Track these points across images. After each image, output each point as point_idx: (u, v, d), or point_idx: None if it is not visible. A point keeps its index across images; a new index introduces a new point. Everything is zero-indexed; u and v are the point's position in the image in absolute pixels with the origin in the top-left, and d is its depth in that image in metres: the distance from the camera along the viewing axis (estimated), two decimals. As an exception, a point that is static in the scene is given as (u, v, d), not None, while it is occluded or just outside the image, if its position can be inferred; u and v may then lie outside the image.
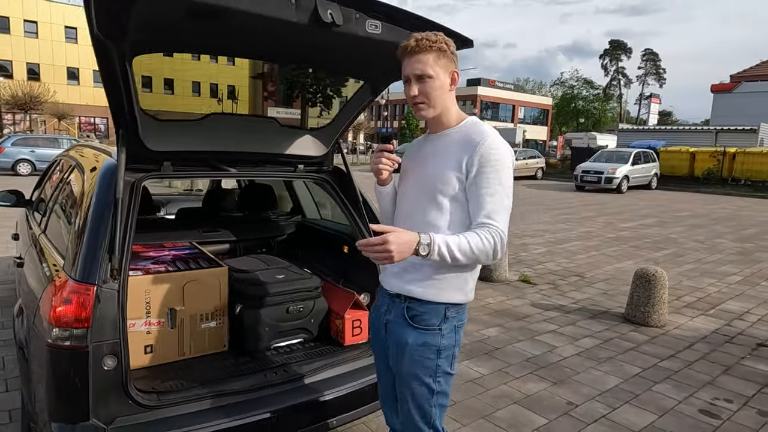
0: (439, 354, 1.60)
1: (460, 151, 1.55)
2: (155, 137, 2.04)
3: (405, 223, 1.61)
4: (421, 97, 1.55)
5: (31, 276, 2.34)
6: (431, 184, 1.59)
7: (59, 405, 1.71)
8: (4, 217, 8.64)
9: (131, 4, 1.39)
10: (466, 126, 1.62)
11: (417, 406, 1.63)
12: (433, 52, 1.52)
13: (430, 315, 1.59)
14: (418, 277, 1.58)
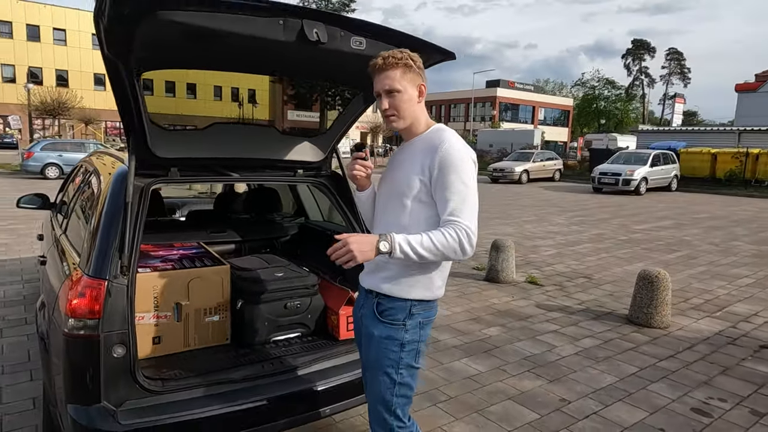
0: (402, 347, 1.72)
1: (423, 156, 1.68)
2: (163, 145, 2.22)
3: (379, 224, 1.76)
4: (391, 110, 1.69)
5: (52, 273, 2.54)
6: (398, 188, 1.73)
7: (74, 388, 1.89)
8: (31, 219, 9.05)
9: (134, 27, 1.56)
10: (431, 132, 1.75)
11: (379, 395, 1.75)
12: (400, 68, 1.66)
13: (396, 310, 1.71)
14: (387, 275, 1.71)
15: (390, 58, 1.66)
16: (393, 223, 1.71)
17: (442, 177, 1.62)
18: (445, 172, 1.62)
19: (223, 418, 2.01)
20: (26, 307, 4.51)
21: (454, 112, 61.78)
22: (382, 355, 1.72)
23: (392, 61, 1.65)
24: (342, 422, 2.83)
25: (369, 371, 1.80)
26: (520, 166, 21.30)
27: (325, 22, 1.77)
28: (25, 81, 38.91)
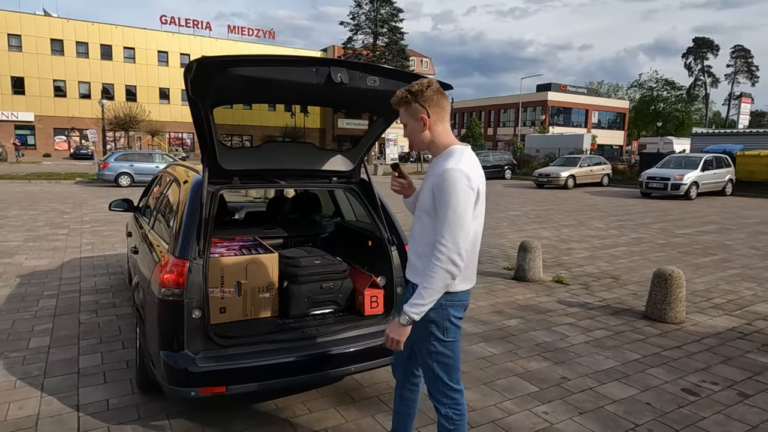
0: (429, 324, 2.06)
1: (432, 176, 2.01)
2: (227, 159, 2.90)
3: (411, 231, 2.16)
4: (408, 139, 2.12)
5: (144, 259, 3.29)
6: (420, 202, 2.07)
7: (165, 339, 2.57)
8: (110, 222, 10.23)
9: (210, 80, 2.23)
10: (443, 155, 2.02)
11: (424, 362, 2.16)
12: (402, 106, 2.03)
13: None
14: (416, 271, 2.08)
15: (395, 98, 2.03)
16: (417, 230, 2.08)
17: (438, 201, 1.92)
18: (439, 195, 1.91)
19: (271, 368, 2.64)
20: (113, 294, 5.38)
21: (504, 117, 61.35)
22: (418, 332, 2.08)
23: (395, 100, 2.04)
24: (369, 387, 3.40)
25: (415, 345, 2.17)
26: (566, 171, 21.22)
27: (347, 68, 2.38)
28: (99, 97, 42.33)
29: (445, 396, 2.18)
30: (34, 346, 3.96)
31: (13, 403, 3.08)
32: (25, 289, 5.48)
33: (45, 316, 4.65)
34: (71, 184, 19.57)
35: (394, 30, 49.73)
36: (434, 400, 2.22)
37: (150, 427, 2.84)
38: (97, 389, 3.26)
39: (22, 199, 14.16)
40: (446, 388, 2.18)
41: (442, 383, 2.17)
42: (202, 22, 50.60)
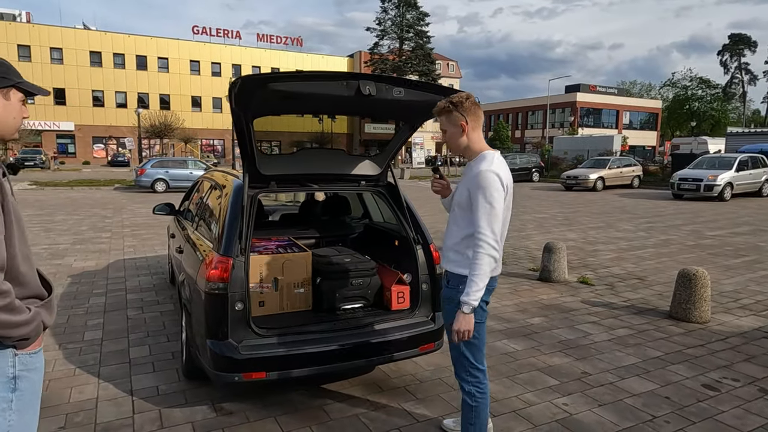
0: (458, 306, 2.25)
1: (467, 178, 2.31)
2: (265, 165, 3.16)
3: (447, 224, 2.47)
4: (447, 144, 2.40)
5: (188, 258, 3.58)
6: (457, 200, 2.37)
7: (211, 329, 2.84)
8: (148, 226, 10.73)
9: (252, 94, 2.49)
10: (476, 159, 2.33)
11: (451, 342, 2.36)
12: (443, 114, 2.33)
13: (456, 280, 2.36)
14: (450, 258, 2.41)
15: (437, 108, 2.34)
16: (453, 224, 2.39)
17: (473, 195, 2.23)
18: (474, 192, 2.22)
19: (306, 356, 2.87)
20: (156, 292, 5.74)
21: (532, 119, 60.77)
22: (448, 313, 2.39)
23: (437, 110, 2.35)
24: (396, 378, 3.60)
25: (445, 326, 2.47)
26: (594, 173, 20.99)
27: (375, 81, 2.60)
28: (134, 106, 43.90)
29: (470, 374, 2.43)
30: (88, 338, 4.31)
31: (74, 387, 3.40)
32: (76, 288, 5.89)
33: (96, 312, 5.02)
34: (110, 190, 20.44)
35: (420, 34, 49.96)
36: (459, 378, 2.47)
37: (196, 410, 3.11)
38: (147, 377, 3.56)
39: (66, 204, 14.92)
40: (471, 367, 2.42)
41: (468, 362, 2.42)
42: (232, 32, 51.95)
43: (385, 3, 49.35)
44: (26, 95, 1.61)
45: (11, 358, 1.53)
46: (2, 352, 1.51)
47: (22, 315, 1.46)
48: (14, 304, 1.44)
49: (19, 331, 1.46)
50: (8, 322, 1.42)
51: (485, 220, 2.19)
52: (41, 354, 1.64)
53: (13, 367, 1.53)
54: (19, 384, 1.55)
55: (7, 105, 1.55)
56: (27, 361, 1.57)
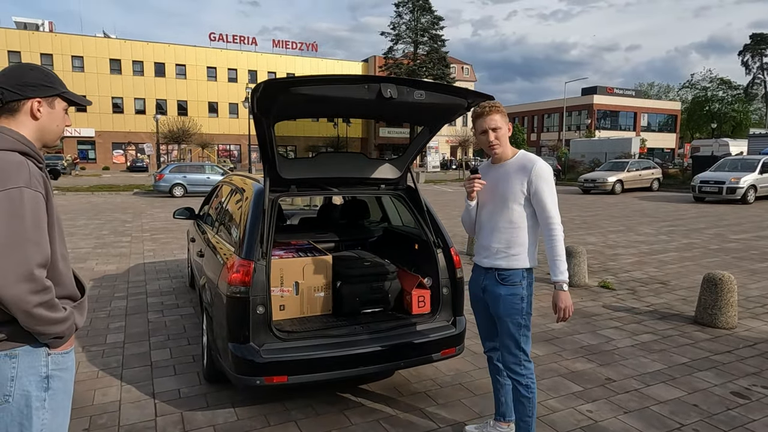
0: (521, 301, 2.46)
1: (520, 173, 2.43)
2: (286, 169, 3.16)
3: (488, 224, 2.53)
4: (496, 141, 2.45)
5: (209, 262, 3.60)
6: (504, 197, 2.46)
7: (233, 332, 2.84)
8: (167, 230, 10.85)
9: (274, 99, 2.50)
10: (520, 157, 2.50)
11: (511, 336, 2.49)
12: (500, 113, 2.44)
13: (514, 276, 2.46)
14: (502, 256, 2.47)
15: (493, 107, 2.44)
16: (502, 220, 2.46)
17: (539, 188, 2.39)
18: (539, 183, 2.39)
19: (327, 360, 2.86)
20: (176, 296, 5.79)
21: (548, 122, 60.32)
22: (508, 307, 2.46)
23: (495, 108, 2.44)
24: (417, 383, 3.57)
25: (499, 321, 2.52)
26: (613, 176, 20.72)
27: (396, 84, 2.59)
28: (153, 112, 44.57)
29: (524, 367, 2.51)
30: (110, 341, 4.36)
31: (97, 390, 3.44)
32: (98, 291, 5.97)
33: (118, 315, 5.08)
34: (130, 195, 20.75)
35: (434, 38, 50.01)
36: (514, 374, 2.53)
37: (218, 413, 3.12)
38: (169, 380, 3.59)
39: (87, 209, 15.18)
40: (526, 360, 2.52)
41: (524, 355, 2.52)
42: (247, 38, 52.52)
43: (400, 7, 49.55)
44: (69, 104, 1.67)
45: (44, 357, 1.55)
46: (36, 351, 1.53)
47: (59, 313, 1.50)
48: (54, 301, 1.48)
49: (55, 329, 1.50)
50: (47, 319, 1.46)
51: (555, 207, 2.41)
52: (72, 354, 1.67)
53: (46, 366, 1.55)
54: (52, 383, 1.57)
55: (52, 113, 1.61)
56: (59, 360, 1.59)
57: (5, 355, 1.49)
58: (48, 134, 1.62)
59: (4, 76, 1.54)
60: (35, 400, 1.53)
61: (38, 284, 1.41)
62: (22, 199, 1.40)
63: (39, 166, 1.54)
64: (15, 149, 1.48)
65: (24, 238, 1.40)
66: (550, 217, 2.40)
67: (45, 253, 1.45)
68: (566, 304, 2.39)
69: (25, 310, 1.41)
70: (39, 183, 1.47)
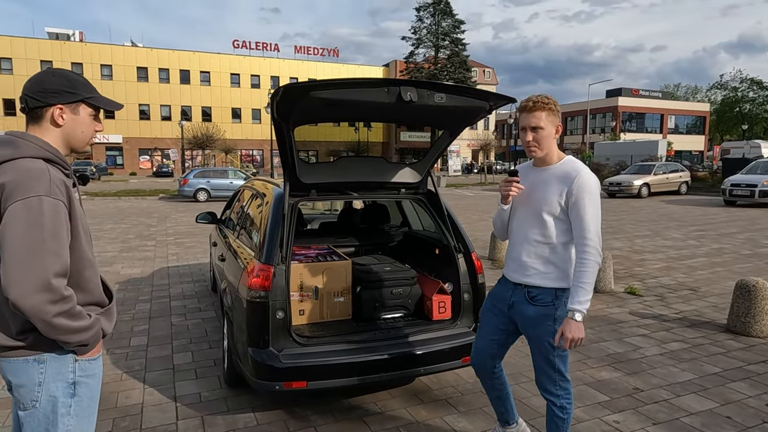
0: (554, 321, 2.20)
1: (561, 182, 2.16)
2: (306, 174, 3.16)
3: (518, 233, 2.30)
4: (534, 142, 2.18)
5: (231, 266, 3.61)
6: (538, 206, 2.20)
7: (253, 337, 2.84)
8: (190, 234, 11.00)
9: (293, 103, 2.49)
10: (565, 163, 2.22)
11: (545, 359, 2.27)
12: (545, 110, 2.14)
13: (546, 295, 2.23)
14: (533, 272, 2.24)
15: (539, 102, 2.13)
16: (534, 232, 2.23)
17: (580, 201, 2.11)
18: (581, 197, 2.11)
19: (346, 366, 2.84)
20: (199, 299, 5.85)
21: (572, 125, 59.45)
22: (541, 329, 2.22)
23: (540, 105, 2.13)
24: (438, 390, 3.52)
25: (531, 342, 2.30)
26: (639, 179, 20.27)
27: (416, 87, 2.56)
28: (178, 118, 45.46)
29: (560, 387, 2.32)
30: (134, 344, 4.42)
31: (120, 392, 3.48)
32: (123, 295, 6.08)
33: (142, 318, 5.15)
34: (155, 200, 21.15)
35: (455, 42, 49.88)
36: (548, 395, 2.35)
37: (238, 418, 3.12)
38: (190, 383, 3.61)
39: (114, 214, 15.52)
40: (563, 380, 2.33)
41: (561, 376, 2.32)
42: (270, 44, 53.18)
43: (421, 12, 49.58)
44: (95, 110, 1.65)
45: (71, 363, 1.56)
46: (63, 358, 1.54)
47: (82, 321, 1.50)
48: (75, 310, 1.47)
49: (78, 337, 1.49)
50: (68, 328, 1.45)
51: (595, 226, 2.12)
52: (100, 360, 1.68)
53: (73, 372, 1.56)
54: (78, 390, 1.58)
55: (75, 119, 1.60)
56: (86, 367, 1.60)
57: (34, 360, 1.50)
58: (74, 140, 1.62)
59: (29, 83, 1.55)
60: (61, 406, 1.54)
61: (56, 294, 1.41)
62: (41, 208, 1.40)
63: (65, 172, 1.54)
64: (38, 156, 1.48)
65: (42, 248, 1.39)
66: (586, 237, 2.10)
67: (63, 263, 1.44)
68: (574, 335, 2.08)
69: (44, 320, 1.41)
70: (60, 191, 1.47)
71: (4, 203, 1.39)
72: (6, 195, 1.39)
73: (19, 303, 1.36)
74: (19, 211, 1.38)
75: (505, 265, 2.45)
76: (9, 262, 1.36)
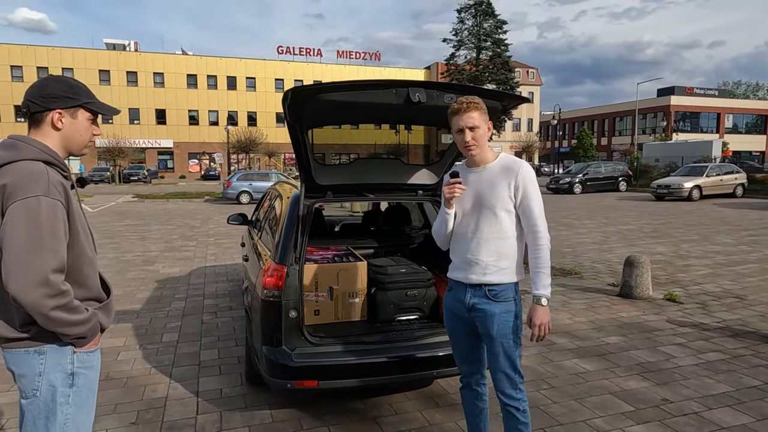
0: (515, 320, 2.23)
1: (505, 177, 2.20)
2: (322, 175, 3.20)
3: (470, 234, 2.24)
4: (473, 142, 2.20)
5: (252, 266, 3.70)
6: (490, 203, 2.20)
7: (266, 335, 2.90)
8: (229, 235, 11.32)
9: (304, 105, 2.54)
10: (503, 159, 2.27)
11: (507, 358, 2.23)
12: (478, 110, 2.19)
13: (507, 292, 2.23)
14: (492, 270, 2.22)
15: (472, 103, 2.18)
16: (491, 230, 2.21)
17: (526, 191, 2.19)
18: (527, 187, 2.19)
19: (359, 367, 2.85)
20: (230, 298, 6.02)
21: (620, 125, 57.41)
22: (505, 327, 2.21)
23: (473, 105, 2.18)
24: (454, 394, 3.48)
25: (493, 343, 2.23)
26: (690, 181, 19.34)
27: (425, 87, 2.55)
28: (225, 123, 46.95)
29: (520, 390, 2.29)
30: (166, 340, 4.59)
31: (147, 386, 3.63)
32: (161, 293, 6.33)
33: (175, 315, 5.35)
34: (201, 202, 21.90)
35: (497, 42, 49.17)
36: (508, 398, 2.27)
37: (255, 415, 3.19)
38: (213, 379, 3.72)
39: (161, 215, 16.19)
40: (521, 381, 2.29)
41: (520, 377, 2.29)
42: (313, 50, 54.15)
43: (462, 13, 49.18)
44: (94, 115, 1.71)
45: (70, 355, 1.64)
46: (62, 349, 1.62)
47: (79, 315, 1.56)
48: (72, 303, 1.54)
49: (75, 330, 1.57)
50: (66, 321, 1.53)
51: (541, 212, 2.22)
52: (98, 353, 1.75)
53: (71, 363, 1.64)
54: (77, 380, 1.66)
55: (75, 123, 1.66)
56: (84, 359, 1.67)
57: (34, 351, 1.59)
58: (72, 144, 1.68)
59: (31, 88, 1.64)
60: (60, 395, 1.62)
61: (54, 289, 1.47)
62: (39, 208, 1.47)
63: (63, 174, 1.62)
64: (38, 159, 1.56)
65: (41, 246, 1.46)
66: (536, 224, 2.19)
67: (60, 259, 1.51)
68: (543, 320, 2.15)
69: (42, 313, 1.48)
70: (58, 191, 1.53)
71: (5, 203, 1.48)
72: (7, 195, 1.48)
73: (18, 297, 1.45)
74: (19, 210, 1.46)
75: (454, 269, 2.37)
76: (9, 258, 1.45)
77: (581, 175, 24.73)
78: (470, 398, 2.52)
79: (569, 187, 24.03)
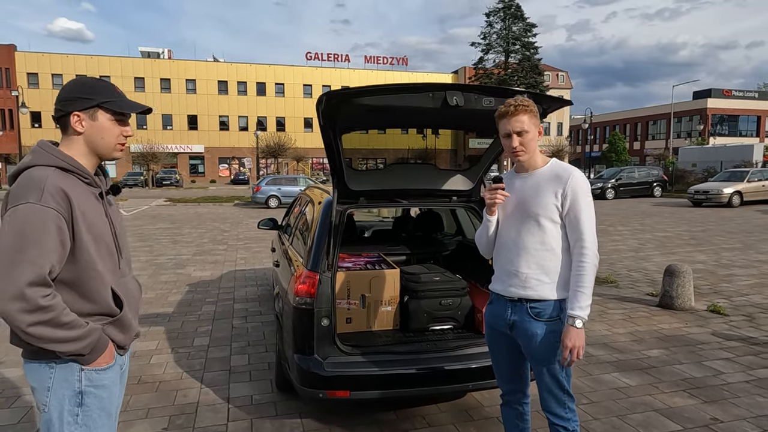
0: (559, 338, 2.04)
1: (553, 185, 2.07)
2: (354, 181, 3.15)
3: (512, 244, 2.13)
4: (521, 147, 2.08)
5: (283, 272, 3.67)
6: (534, 212, 2.07)
7: (298, 343, 2.85)
8: (259, 240, 11.41)
9: (337, 109, 2.49)
10: (553, 165, 2.14)
11: (554, 379, 2.10)
12: (528, 113, 2.06)
13: (549, 309, 2.07)
14: (533, 284, 2.08)
15: (521, 105, 2.05)
16: (533, 240, 2.08)
17: (575, 202, 2.03)
18: (576, 198, 2.03)
19: (391, 377, 2.77)
20: (260, 303, 6.03)
21: (653, 129, 55.90)
22: (550, 348, 2.06)
23: (522, 108, 2.05)
24: (490, 407, 3.36)
25: (537, 363, 2.12)
26: (730, 186, 18.61)
27: (462, 91, 2.47)
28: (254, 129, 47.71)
29: (570, 410, 2.16)
30: (197, 344, 4.61)
31: (179, 390, 3.63)
32: (192, 296, 6.39)
33: (206, 319, 5.38)
34: (231, 206, 22.23)
35: (526, 46, 48.57)
36: (558, 419, 2.15)
37: (285, 423, 3.14)
38: (244, 386, 3.70)
39: (192, 219, 16.47)
40: (571, 401, 2.17)
41: (569, 397, 2.16)
42: (341, 55, 54.56)
43: (491, 17, 48.79)
44: (116, 114, 1.58)
45: (78, 372, 1.53)
46: (69, 366, 1.52)
47: (71, 331, 1.44)
48: (60, 319, 1.42)
49: (66, 347, 1.45)
50: (51, 337, 1.42)
51: (591, 227, 2.06)
52: (113, 371, 1.60)
53: (79, 381, 1.53)
54: (86, 400, 1.54)
55: (94, 125, 1.55)
56: (93, 377, 1.55)
57: (45, 364, 1.51)
58: (97, 147, 1.58)
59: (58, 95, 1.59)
60: (67, 414, 1.52)
61: (30, 304, 1.36)
62: (25, 216, 1.37)
63: (85, 181, 1.53)
64: (51, 164, 1.47)
65: (19, 257, 1.36)
66: (583, 239, 2.02)
67: (39, 272, 1.38)
68: (576, 343, 1.97)
69: (18, 328, 1.38)
70: (55, 199, 1.41)
71: (3, 211, 1.42)
72: (5, 203, 1.42)
73: None
74: (7, 218, 1.38)
75: (494, 280, 2.27)
76: None
77: (614, 180, 24.13)
78: (511, 416, 2.40)
79: (601, 192, 23.46)
